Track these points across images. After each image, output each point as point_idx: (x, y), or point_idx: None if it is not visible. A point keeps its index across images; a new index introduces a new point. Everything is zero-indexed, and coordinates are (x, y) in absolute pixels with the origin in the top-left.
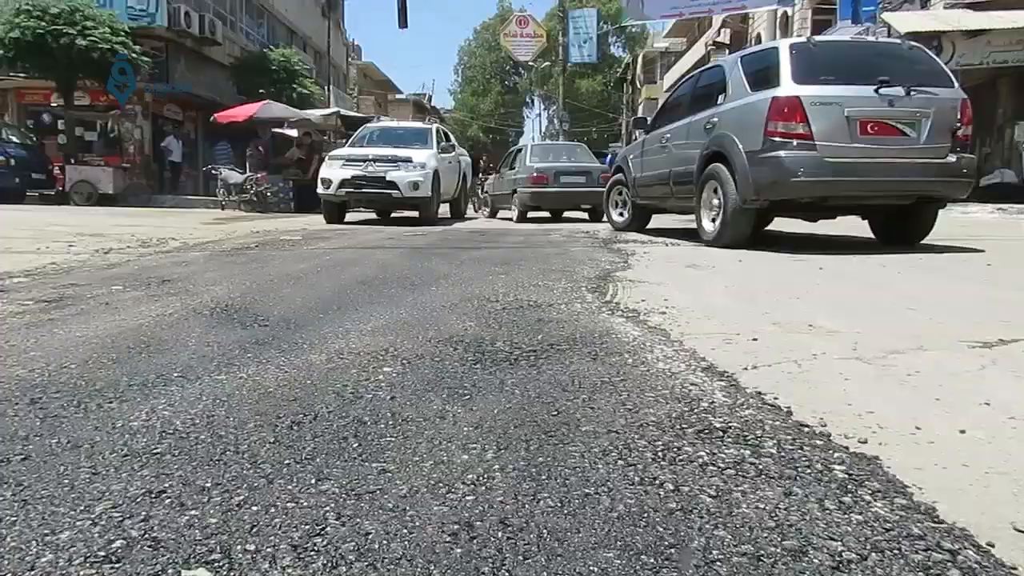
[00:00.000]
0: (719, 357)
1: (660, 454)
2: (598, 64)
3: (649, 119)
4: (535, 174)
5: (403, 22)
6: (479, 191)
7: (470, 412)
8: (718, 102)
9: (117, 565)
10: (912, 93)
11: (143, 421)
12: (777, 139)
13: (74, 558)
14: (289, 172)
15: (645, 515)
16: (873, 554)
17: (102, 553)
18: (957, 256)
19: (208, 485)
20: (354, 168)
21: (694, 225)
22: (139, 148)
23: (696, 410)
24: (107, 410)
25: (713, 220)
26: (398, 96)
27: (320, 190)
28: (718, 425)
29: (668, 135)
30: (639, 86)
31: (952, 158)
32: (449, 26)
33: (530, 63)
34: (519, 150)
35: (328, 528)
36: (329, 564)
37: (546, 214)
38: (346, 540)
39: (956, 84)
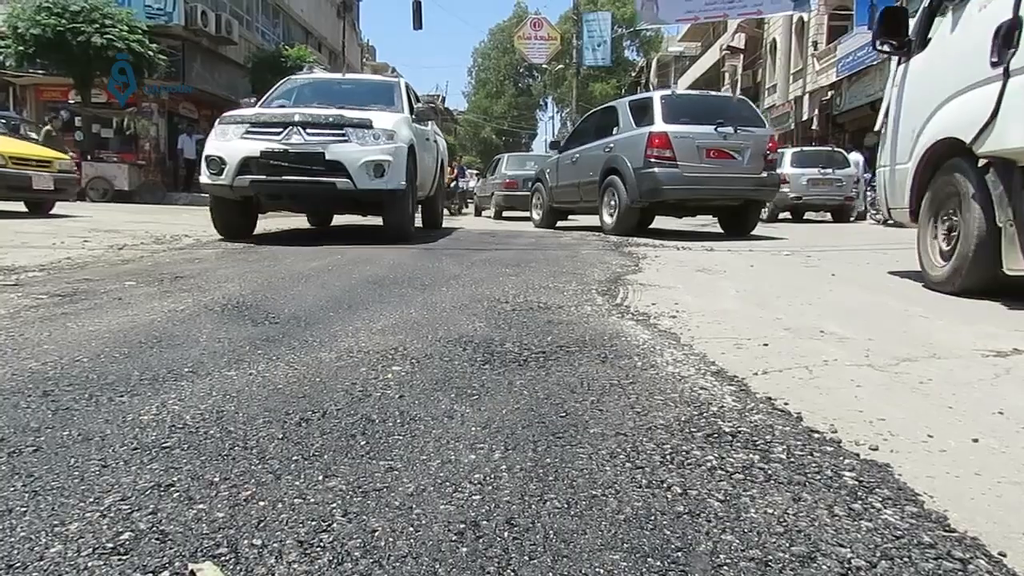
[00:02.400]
0: (729, 362)
1: (668, 457)
2: (612, 67)
3: (562, 142)
4: (507, 180)
5: (418, 23)
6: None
7: (478, 412)
8: (613, 133)
9: (125, 557)
10: (738, 130)
11: (153, 415)
12: (653, 160)
13: (83, 549)
14: None
15: (652, 518)
16: (883, 562)
17: (110, 545)
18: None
19: (216, 479)
20: (266, 138)
21: (597, 222)
22: (154, 146)
23: (705, 414)
24: (118, 404)
25: (611, 216)
26: None
27: (203, 178)
28: (727, 429)
29: (577, 155)
30: (653, 90)
31: (764, 174)
32: (463, 28)
33: (544, 66)
34: (499, 159)
35: (335, 524)
36: (335, 560)
37: (523, 213)
38: (352, 537)
39: (767, 125)
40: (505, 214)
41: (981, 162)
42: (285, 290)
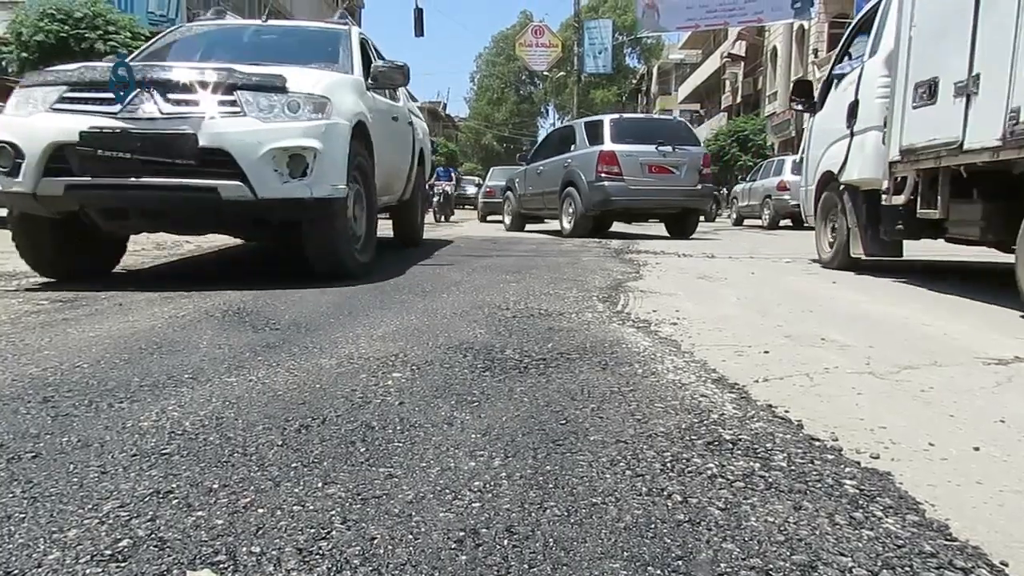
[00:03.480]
0: (730, 369)
1: (669, 465)
2: (613, 75)
3: (529, 156)
4: (487, 189)
5: (419, 31)
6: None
7: (478, 419)
8: (571, 149)
9: (123, 564)
10: (676, 149)
11: (153, 421)
12: (603, 175)
13: (81, 556)
14: None
15: (653, 526)
16: (884, 571)
17: (108, 552)
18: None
19: (215, 486)
20: (94, 109)
21: (557, 227)
22: None
23: (706, 422)
24: (118, 410)
25: (569, 222)
26: None
27: None
28: (728, 437)
29: (542, 168)
30: (653, 97)
31: (699, 186)
32: (464, 33)
33: (545, 73)
34: (490, 171)
35: (334, 532)
36: (334, 568)
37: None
38: (351, 544)
39: (701, 144)
40: (489, 218)
41: (842, 187)
42: (286, 295)
